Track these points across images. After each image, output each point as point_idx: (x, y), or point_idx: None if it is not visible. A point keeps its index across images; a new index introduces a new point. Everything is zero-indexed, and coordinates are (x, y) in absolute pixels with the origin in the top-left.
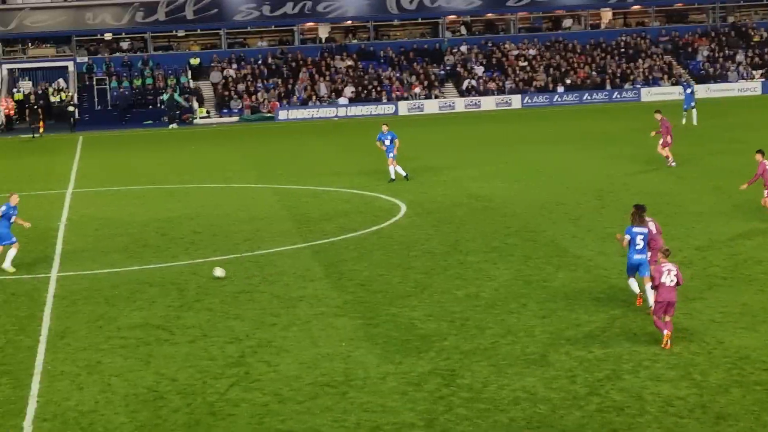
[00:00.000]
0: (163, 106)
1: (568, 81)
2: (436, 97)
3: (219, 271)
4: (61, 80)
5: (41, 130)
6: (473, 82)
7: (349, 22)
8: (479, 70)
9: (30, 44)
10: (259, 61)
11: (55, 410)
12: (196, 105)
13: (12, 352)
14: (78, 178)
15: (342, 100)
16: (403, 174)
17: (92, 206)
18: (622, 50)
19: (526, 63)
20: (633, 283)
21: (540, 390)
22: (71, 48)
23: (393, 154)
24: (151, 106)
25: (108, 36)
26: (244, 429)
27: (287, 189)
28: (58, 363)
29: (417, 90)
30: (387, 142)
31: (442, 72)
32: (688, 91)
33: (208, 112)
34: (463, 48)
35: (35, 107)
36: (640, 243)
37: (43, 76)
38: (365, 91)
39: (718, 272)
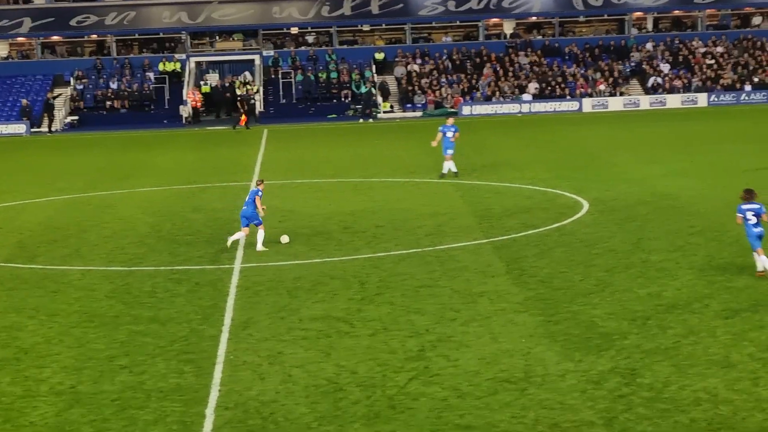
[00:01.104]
0: (358, 99)
1: (756, 79)
2: (621, 94)
3: (284, 238)
4: (247, 73)
5: (242, 123)
6: (659, 80)
7: (534, 18)
8: (665, 67)
9: (218, 37)
10: (444, 56)
11: (237, 399)
12: (380, 99)
13: (196, 341)
14: (262, 170)
15: (526, 97)
16: (454, 171)
17: (276, 198)
18: None
19: (713, 61)
20: (758, 258)
21: (722, 391)
22: (258, 41)
23: (451, 150)
24: (335, 100)
25: (294, 30)
26: (422, 423)
27: (469, 184)
28: (241, 353)
29: (601, 87)
30: (449, 135)
31: (628, 69)
32: None
33: (391, 106)
34: (649, 45)
35: (237, 100)
36: (752, 218)
37: (230, 69)
38: (549, 88)
39: None
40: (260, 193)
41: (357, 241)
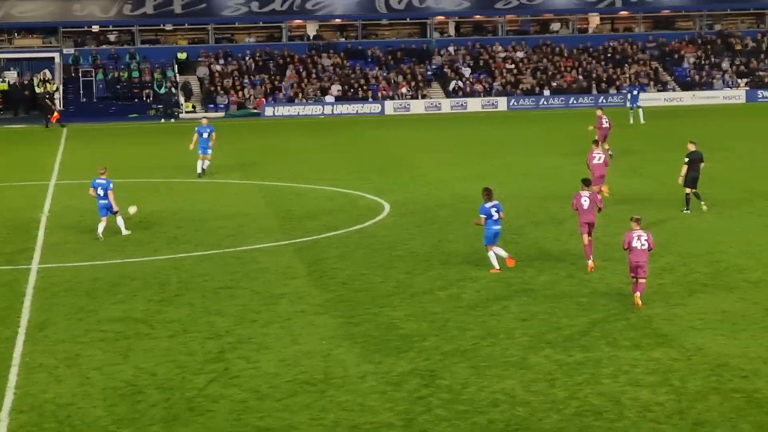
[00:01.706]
0: (159, 99)
1: (555, 84)
2: (423, 97)
3: (132, 209)
4: (46, 71)
5: (54, 119)
6: (460, 83)
7: (338, 20)
8: (466, 71)
9: (16, 34)
10: (247, 57)
11: (32, 402)
12: (182, 99)
13: None
14: (62, 170)
15: (328, 98)
16: (200, 171)
17: (75, 198)
18: (609, 55)
19: (513, 65)
20: (492, 254)
21: (519, 393)
22: (58, 39)
23: (208, 149)
24: (136, 100)
25: (95, 28)
26: (222, 425)
27: (272, 186)
28: (37, 355)
29: (404, 90)
30: (205, 135)
31: (429, 72)
32: (634, 92)
33: (194, 106)
34: (451, 49)
35: (40, 97)
36: (495, 215)
37: (29, 66)
38: (352, 90)
39: (700, 279)
40: (111, 185)
41: (157, 241)
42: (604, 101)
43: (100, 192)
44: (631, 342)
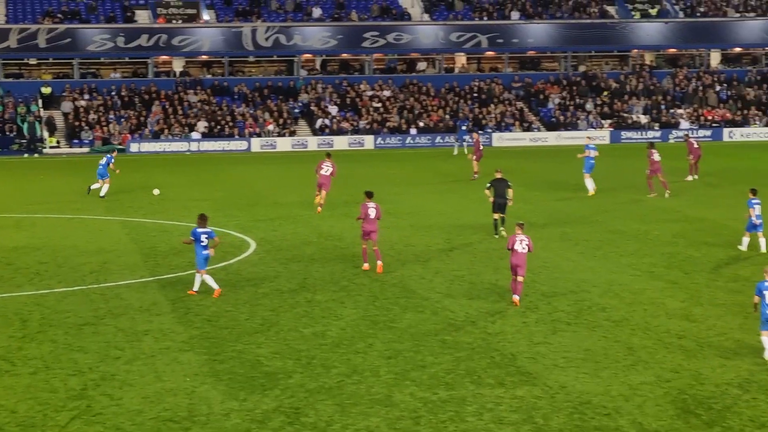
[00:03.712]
0: (23, 134)
1: (421, 123)
2: (290, 134)
3: (156, 191)
4: None
5: None
6: (327, 121)
7: (204, 56)
8: (333, 109)
9: None
10: (112, 92)
11: None
12: (46, 134)
13: None
14: None
15: (195, 135)
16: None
17: None
18: (475, 95)
19: (380, 104)
20: (205, 278)
21: (384, 430)
22: None
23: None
24: (0, 134)
25: None
26: None
27: (136, 222)
28: None
29: (270, 127)
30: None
31: (296, 110)
32: (463, 127)
33: (58, 141)
34: (318, 87)
35: None
36: (204, 241)
37: None
38: (218, 127)
39: (563, 317)
40: (112, 159)
41: (19, 277)
42: (471, 140)
43: None
44: (495, 380)
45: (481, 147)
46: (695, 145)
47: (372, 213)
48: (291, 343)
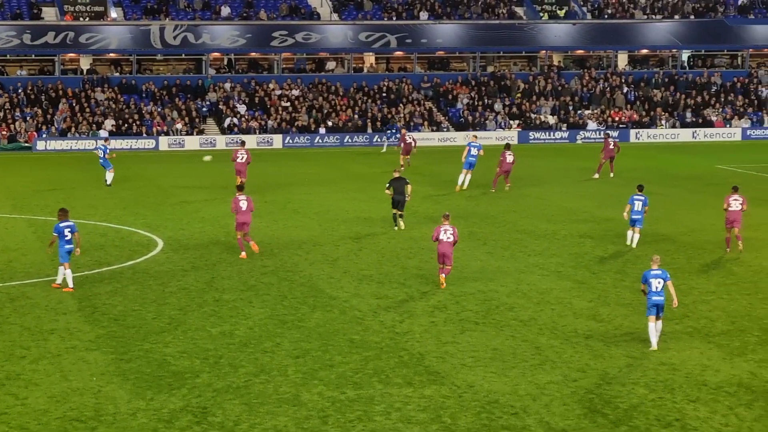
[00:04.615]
0: None
1: (330, 123)
2: (198, 133)
3: (207, 158)
4: None
5: None
6: (235, 120)
7: (112, 54)
8: (242, 108)
9: None
10: (18, 90)
11: None
12: None
13: None
14: None
15: (102, 133)
16: None
17: None
18: (384, 95)
19: (288, 103)
20: (67, 272)
21: (292, 429)
22: None
23: None
24: None
25: None
26: None
27: (43, 220)
28: None
29: (178, 126)
30: None
31: (205, 109)
32: (393, 130)
33: None
34: (227, 85)
35: None
36: (68, 235)
37: None
38: (126, 125)
39: (471, 317)
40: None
41: None
42: (379, 140)
43: None
44: (404, 379)
45: (409, 140)
46: (611, 146)
47: (243, 205)
48: (198, 343)
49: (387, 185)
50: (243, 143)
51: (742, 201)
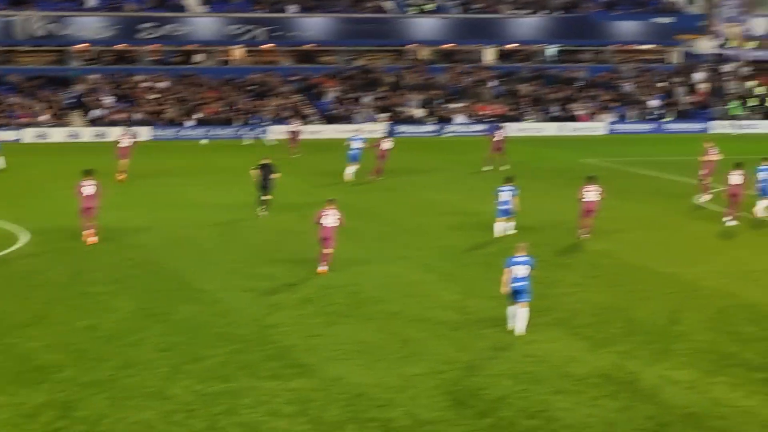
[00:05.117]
0: None
1: (198, 115)
2: (63, 125)
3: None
4: None
5: None
6: (101, 112)
7: None
8: (108, 100)
9: None
10: None
11: None
12: None
13: None
14: None
15: None
16: None
17: None
18: (253, 87)
19: (156, 95)
20: None
21: (158, 424)
22: None
23: None
24: None
25: None
26: None
27: None
28: None
29: (43, 117)
30: None
31: (70, 100)
32: (253, 119)
33: None
34: (93, 77)
35: None
36: None
37: None
38: None
39: (339, 309)
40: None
41: None
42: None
43: None
44: (271, 372)
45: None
46: (495, 138)
47: (87, 191)
48: (63, 337)
49: (255, 168)
50: (128, 127)
51: (598, 191)
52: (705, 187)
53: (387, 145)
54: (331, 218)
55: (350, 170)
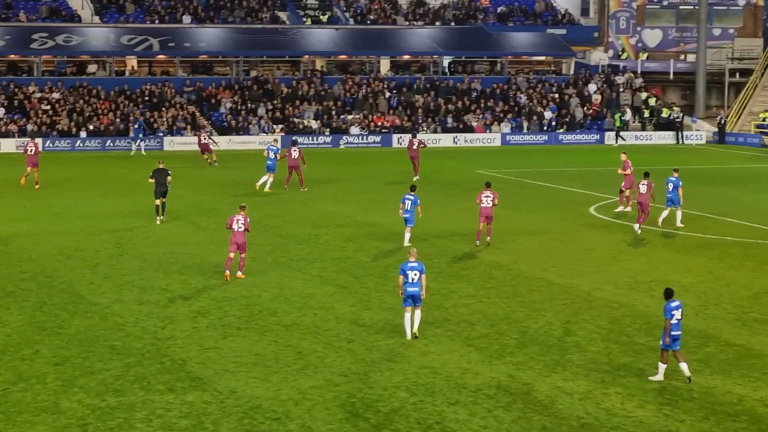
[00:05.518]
0: None
1: (92, 126)
2: None
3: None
4: None
5: None
6: None
7: None
8: (0, 111)
9: None
10: None
11: None
12: None
13: None
14: None
15: None
16: None
17: None
18: (147, 98)
19: (49, 106)
20: None
21: None
22: None
23: None
24: None
25: None
26: None
27: None
28: None
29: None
30: None
31: None
32: (136, 126)
33: None
34: None
35: None
36: None
37: None
38: None
39: (234, 322)
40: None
41: None
42: (143, 144)
43: None
44: (165, 386)
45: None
46: (414, 146)
47: None
48: None
49: (150, 175)
50: (33, 138)
51: (493, 197)
52: (628, 198)
53: (296, 154)
54: (239, 223)
55: (265, 179)
